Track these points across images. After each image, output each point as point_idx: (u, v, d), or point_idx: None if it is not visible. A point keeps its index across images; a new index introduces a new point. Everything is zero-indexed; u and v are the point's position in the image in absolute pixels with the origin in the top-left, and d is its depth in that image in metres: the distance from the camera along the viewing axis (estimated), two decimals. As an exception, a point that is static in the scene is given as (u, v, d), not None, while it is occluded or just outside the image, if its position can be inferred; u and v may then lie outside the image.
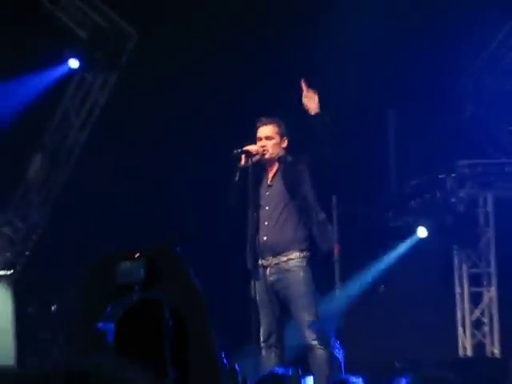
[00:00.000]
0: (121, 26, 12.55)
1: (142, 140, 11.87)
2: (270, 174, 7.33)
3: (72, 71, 12.62)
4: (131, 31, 12.48)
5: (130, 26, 12.51)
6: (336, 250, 10.77)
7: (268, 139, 7.24)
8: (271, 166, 7.33)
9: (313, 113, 7.23)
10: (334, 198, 10.98)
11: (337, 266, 10.76)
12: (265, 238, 7.06)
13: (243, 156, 7.14)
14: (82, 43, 12.56)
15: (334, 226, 10.97)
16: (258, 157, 7.23)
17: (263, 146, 7.19)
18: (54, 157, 13.06)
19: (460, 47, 11.87)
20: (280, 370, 5.49)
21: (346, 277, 10.84)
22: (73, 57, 12.34)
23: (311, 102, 7.23)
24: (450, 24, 11.30)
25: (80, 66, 12.47)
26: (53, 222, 13.21)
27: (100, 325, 2.46)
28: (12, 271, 13.18)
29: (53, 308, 12.05)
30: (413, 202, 11.49)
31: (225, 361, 2.60)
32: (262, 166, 7.38)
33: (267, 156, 7.26)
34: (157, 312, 2.26)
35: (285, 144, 7.29)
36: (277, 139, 7.28)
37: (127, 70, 12.58)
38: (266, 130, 7.37)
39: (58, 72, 12.56)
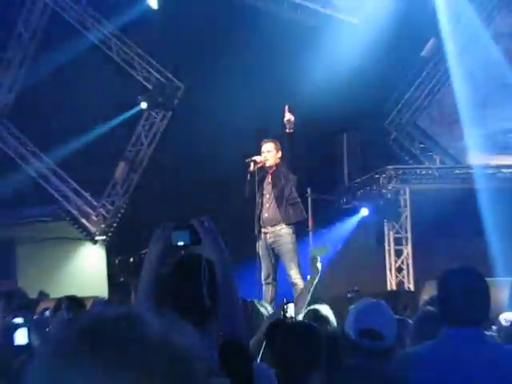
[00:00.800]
0: (173, 81, 12.53)
1: (188, 152, 11.77)
2: (270, 175, 7.27)
3: (143, 110, 12.75)
4: (180, 84, 12.48)
5: (179, 81, 12.51)
6: (310, 222, 10.69)
7: (269, 152, 7.17)
8: (271, 169, 7.25)
9: (288, 131, 7.12)
10: (308, 190, 10.88)
11: (311, 233, 10.74)
12: (266, 215, 6.99)
13: (251, 163, 7.04)
14: (149, 92, 12.64)
15: (309, 207, 11.07)
16: (260, 164, 7.15)
17: (265, 156, 7.13)
18: (131, 164, 13.27)
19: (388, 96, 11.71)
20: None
21: (316, 240, 10.65)
22: (143, 101, 12.45)
23: (290, 122, 7.11)
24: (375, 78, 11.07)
25: (148, 106, 12.57)
26: (131, 205, 13.43)
27: (161, 270, 2.43)
28: (105, 237, 13.48)
29: (131, 260, 11.36)
30: (358, 192, 11.27)
31: (240, 294, 2.56)
32: (265, 169, 7.32)
33: (268, 163, 7.20)
34: (197, 263, 2.24)
35: (279, 155, 7.21)
36: (274, 152, 7.18)
37: (178, 108, 12.65)
38: (267, 146, 7.26)
39: (133, 110, 12.66)
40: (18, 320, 4.68)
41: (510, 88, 10.54)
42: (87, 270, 13.27)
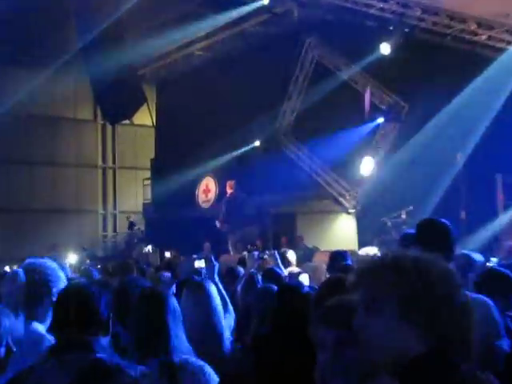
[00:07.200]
0: (398, 101, 13.65)
1: (412, 153, 11.94)
2: None
3: (377, 124, 13.77)
4: (404, 105, 13.53)
5: (402, 102, 13.54)
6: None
7: None
8: None
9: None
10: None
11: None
12: None
13: None
14: (382, 111, 13.79)
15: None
16: None
17: None
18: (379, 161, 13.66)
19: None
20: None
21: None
22: (380, 117, 13.71)
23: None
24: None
25: (384, 121, 13.59)
26: (370, 190, 13.79)
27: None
28: (354, 210, 14.41)
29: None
30: None
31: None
32: None
33: None
34: None
35: None
36: None
37: (404, 121, 13.55)
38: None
39: (373, 123, 13.85)
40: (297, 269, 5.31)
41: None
42: (342, 233, 14.06)
